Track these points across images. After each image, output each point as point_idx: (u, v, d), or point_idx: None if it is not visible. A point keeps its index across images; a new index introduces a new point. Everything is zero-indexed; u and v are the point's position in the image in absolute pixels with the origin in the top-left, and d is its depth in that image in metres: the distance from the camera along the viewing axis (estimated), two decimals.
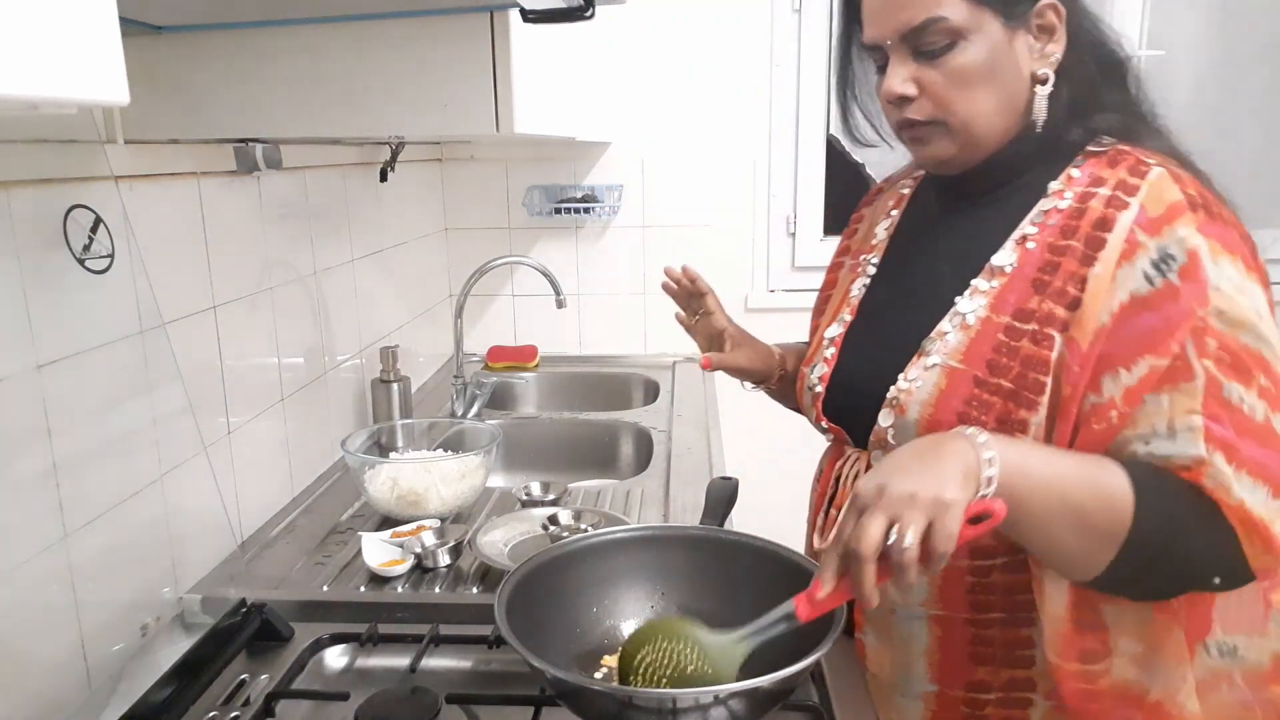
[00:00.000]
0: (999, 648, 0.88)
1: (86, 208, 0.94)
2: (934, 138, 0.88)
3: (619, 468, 1.93)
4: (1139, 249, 0.78)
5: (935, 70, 0.84)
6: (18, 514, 0.87)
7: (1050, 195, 0.86)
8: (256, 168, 1.29)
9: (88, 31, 0.40)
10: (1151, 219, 0.79)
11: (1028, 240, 0.86)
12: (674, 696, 0.76)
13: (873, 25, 0.87)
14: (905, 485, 0.70)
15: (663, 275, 1.19)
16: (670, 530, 1.01)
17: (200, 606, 1.06)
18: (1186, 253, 0.76)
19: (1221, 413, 0.74)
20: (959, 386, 0.84)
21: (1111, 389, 0.77)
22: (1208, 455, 0.74)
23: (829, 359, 0.99)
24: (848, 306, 1.01)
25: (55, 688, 0.90)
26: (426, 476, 1.37)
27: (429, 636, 1.00)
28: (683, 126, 2.34)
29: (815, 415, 1.00)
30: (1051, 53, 0.85)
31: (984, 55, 0.83)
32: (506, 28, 1.03)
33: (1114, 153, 0.85)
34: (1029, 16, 0.84)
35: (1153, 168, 0.82)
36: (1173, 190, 0.80)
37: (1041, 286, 0.83)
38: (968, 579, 0.87)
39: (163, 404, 1.09)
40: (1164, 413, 0.75)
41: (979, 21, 0.82)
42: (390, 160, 1.88)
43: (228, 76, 1.07)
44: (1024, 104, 0.86)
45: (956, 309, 0.88)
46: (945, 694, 0.91)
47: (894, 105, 0.88)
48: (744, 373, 1.16)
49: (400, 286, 2.05)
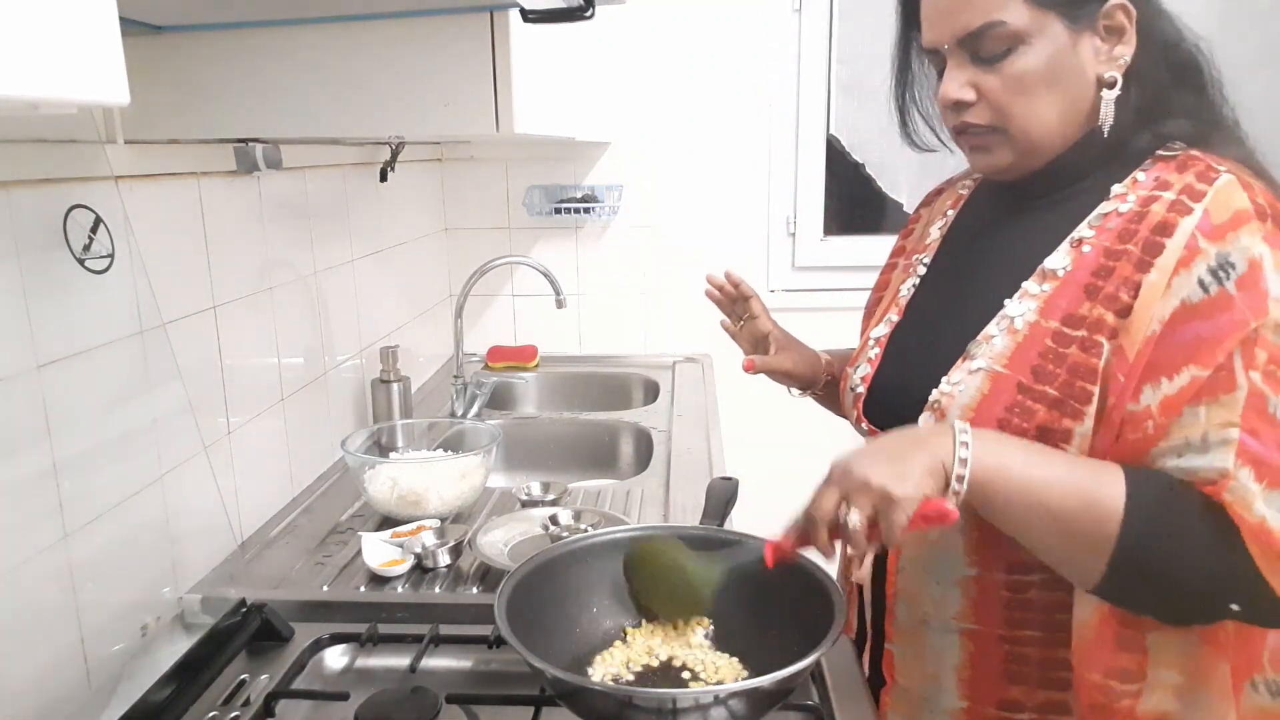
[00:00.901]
0: (1034, 667, 0.85)
1: (86, 208, 0.94)
2: (992, 145, 0.85)
3: (619, 468, 1.93)
4: (1198, 255, 0.74)
5: (994, 75, 0.82)
6: (18, 514, 0.87)
7: (1112, 199, 0.83)
8: (256, 168, 1.29)
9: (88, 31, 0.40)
10: (1215, 225, 0.75)
11: (1084, 243, 0.82)
12: (674, 696, 0.77)
13: (931, 29, 0.85)
14: (864, 470, 0.73)
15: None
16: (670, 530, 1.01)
17: (200, 606, 1.06)
18: (1249, 261, 0.72)
19: (1262, 427, 0.71)
20: (1002, 392, 0.81)
21: (1150, 398, 0.74)
22: (1233, 469, 0.70)
23: (873, 360, 0.97)
24: (895, 307, 0.99)
25: (55, 688, 0.90)
26: (426, 476, 1.37)
27: (429, 636, 1.00)
28: (683, 126, 2.34)
29: (856, 416, 0.98)
30: (1120, 55, 0.82)
31: (1045, 59, 0.80)
32: (506, 28, 1.03)
33: (1184, 157, 0.82)
34: (1096, 18, 0.81)
35: (1222, 174, 0.78)
36: (1241, 197, 0.76)
37: (1094, 292, 0.79)
38: (1004, 594, 0.85)
39: (163, 404, 1.09)
40: (1200, 425, 0.72)
41: (1041, 24, 0.79)
42: (390, 160, 1.88)
43: (228, 76, 1.07)
44: (1089, 108, 0.83)
45: (1005, 312, 0.84)
46: (976, 710, 0.88)
47: (951, 110, 0.86)
48: (789, 376, 1.14)
49: (400, 286, 2.05)
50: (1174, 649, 0.78)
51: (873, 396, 0.96)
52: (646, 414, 2.01)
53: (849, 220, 2.42)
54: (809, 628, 0.80)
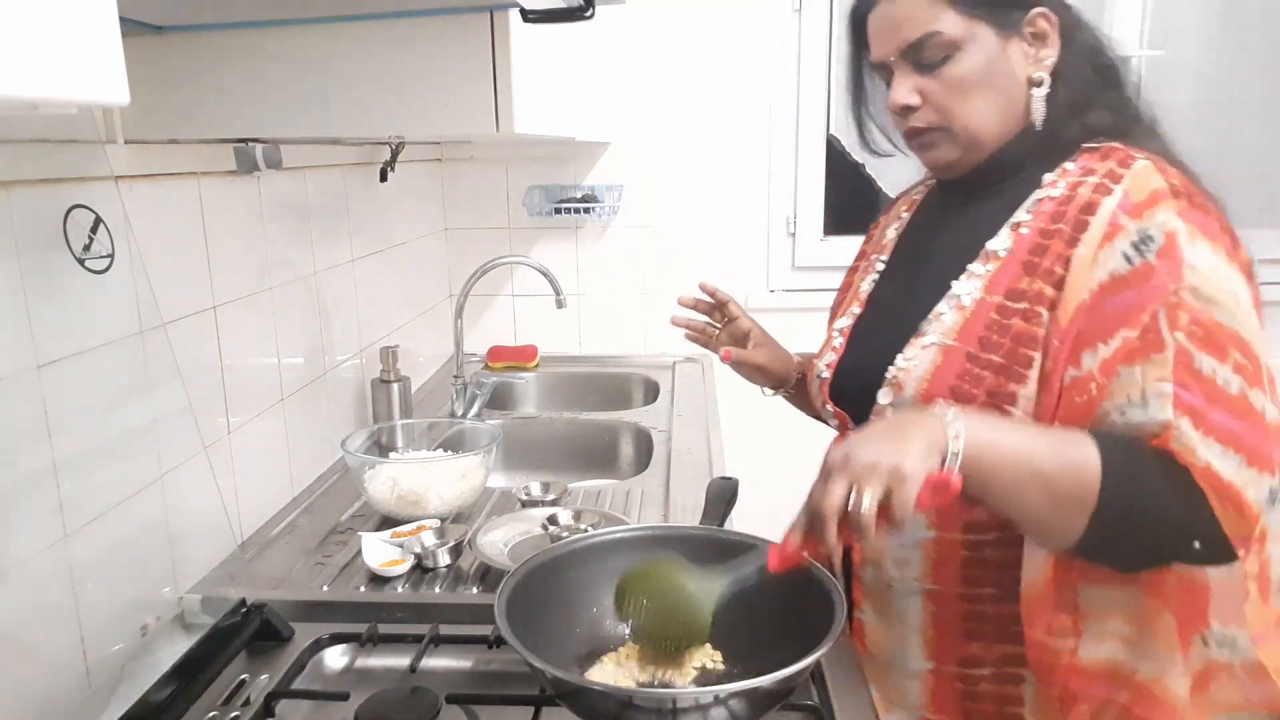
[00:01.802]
0: (991, 623, 0.92)
1: (86, 208, 0.94)
2: (938, 142, 0.94)
3: (619, 468, 1.93)
4: (1120, 231, 0.82)
5: (935, 80, 0.90)
6: (18, 514, 0.87)
7: (1045, 186, 0.91)
8: (256, 168, 1.29)
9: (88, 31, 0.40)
10: (1134, 204, 0.83)
11: (1021, 226, 0.90)
12: (674, 696, 0.77)
13: (877, 45, 0.94)
14: (869, 454, 0.75)
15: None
16: (670, 530, 1.01)
17: (200, 606, 1.06)
18: (1165, 234, 0.81)
19: (1191, 381, 0.78)
20: (953, 363, 0.88)
21: (1090, 363, 0.81)
22: (1174, 419, 0.77)
23: (837, 348, 1.04)
24: (856, 301, 1.07)
25: (55, 688, 0.90)
26: (426, 476, 1.37)
27: (429, 636, 1.00)
28: (683, 126, 2.34)
29: (822, 400, 1.04)
30: (1045, 57, 0.91)
31: (980, 63, 0.89)
32: (506, 28, 1.03)
33: (1106, 149, 0.90)
34: (1021, 25, 0.90)
35: (1139, 159, 0.87)
36: (1156, 179, 0.85)
37: (1032, 268, 0.87)
38: (961, 554, 0.91)
39: (163, 404, 1.09)
40: (1137, 383, 0.79)
41: (973, 32, 0.88)
42: (390, 160, 1.88)
43: (228, 76, 1.07)
44: (1022, 106, 0.92)
45: (953, 291, 0.92)
46: (941, 671, 0.95)
47: (900, 115, 0.94)
48: (762, 370, 1.21)
49: (400, 286, 2.05)
50: (1119, 602, 0.84)
51: (837, 380, 1.03)
52: (646, 414, 2.01)
53: (849, 220, 2.41)
54: (809, 628, 0.80)
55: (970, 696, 0.94)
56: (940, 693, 0.95)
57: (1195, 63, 2.32)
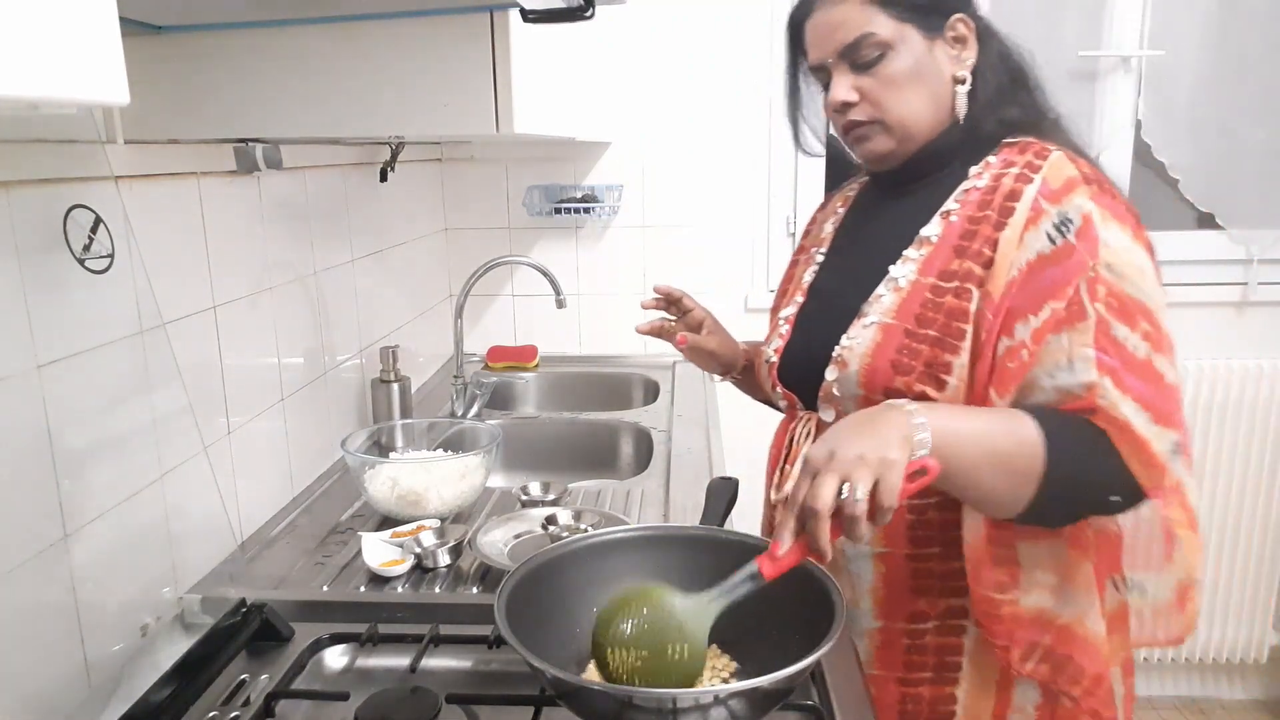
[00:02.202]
0: (936, 579, 1.00)
1: (86, 208, 0.94)
2: (874, 135, 1.02)
3: (619, 468, 1.93)
4: (1042, 215, 0.92)
5: (871, 78, 1.00)
6: (18, 514, 0.87)
7: (971, 178, 1.01)
8: (256, 168, 1.29)
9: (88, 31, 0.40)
10: (1053, 190, 0.93)
11: (951, 214, 1.00)
12: (674, 696, 0.76)
13: (815, 49, 1.03)
14: (853, 449, 0.78)
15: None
16: (670, 530, 1.01)
17: (200, 606, 1.06)
18: (1082, 216, 0.90)
19: (1110, 347, 0.87)
20: (892, 339, 0.97)
21: (1022, 333, 0.90)
22: (1099, 379, 0.86)
23: (784, 334, 1.13)
24: (799, 290, 1.15)
25: (55, 688, 0.90)
26: (426, 476, 1.37)
27: (429, 636, 1.00)
28: (683, 126, 2.34)
29: (772, 383, 1.12)
30: (966, 58, 1.01)
31: (911, 62, 0.99)
32: (506, 28, 1.03)
33: (1023, 143, 1.00)
34: (944, 28, 1.00)
35: (1054, 152, 0.97)
36: (1070, 168, 0.94)
37: (962, 251, 0.96)
38: (908, 517, 1.00)
39: (163, 404, 1.09)
40: (1064, 349, 0.88)
41: (903, 34, 0.98)
42: (390, 160, 1.88)
43: (228, 76, 1.07)
44: (948, 102, 1.02)
45: (890, 274, 1.01)
46: (889, 628, 1.03)
47: (839, 112, 1.03)
48: (714, 356, 1.29)
49: (400, 286, 2.05)
50: (1046, 555, 0.94)
51: (785, 363, 1.11)
52: (646, 414, 2.01)
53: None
54: (809, 628, 0.80)
55: (915, 650, 1.02)
56: (885, 648, 1.03)
57: (1195, 63, 2.32)
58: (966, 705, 1.01)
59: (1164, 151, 2.36)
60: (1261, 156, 2.36)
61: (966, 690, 1.01)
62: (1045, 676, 0.96)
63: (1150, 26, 2.29)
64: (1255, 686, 2.63)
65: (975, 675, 1.01)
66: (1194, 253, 2.42)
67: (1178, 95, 2.33)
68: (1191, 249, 2.42)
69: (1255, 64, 2.31)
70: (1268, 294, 2.41)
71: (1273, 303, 2.42)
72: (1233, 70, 2.32)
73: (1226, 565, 2.48)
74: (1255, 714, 2.59)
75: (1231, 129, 2.35)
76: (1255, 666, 2.58)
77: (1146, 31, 2.30)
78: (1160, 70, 2.32)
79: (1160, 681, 2.63)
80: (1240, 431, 2.40)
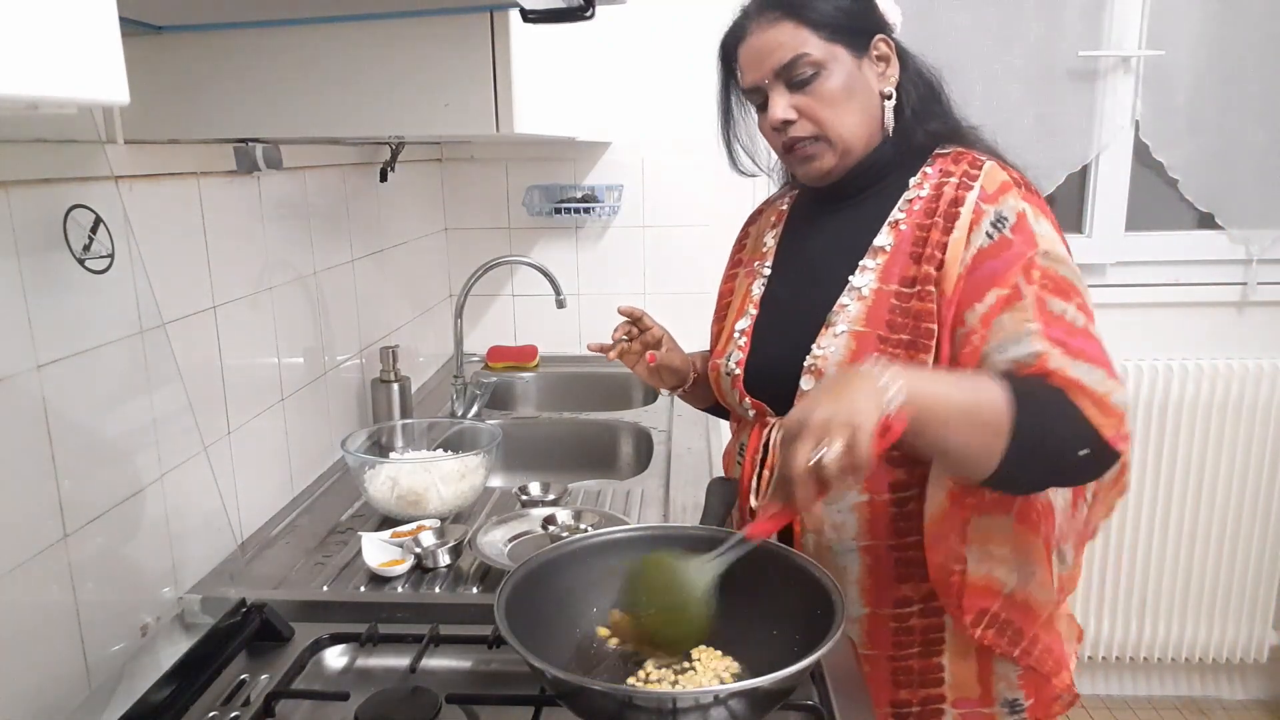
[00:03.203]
0: (919, 566, 1.04)
1: (86, 208, 0.94)
2: (817, 152, 1.07)
3: (619, 468, 1.93)
4: (982, 215, 0.99)
5: (807, 96, 1.04)
6: (18, 514, 0.87)
7: (912, 188, 1.07)
8: (256, 168, 1.29)
9: (88, 31, 0.40)
10: (989, 194, 1.01)
11: (900, 224, 1.05)
12: (674, 696, 0.77)
13: (750, 71, 1.07)
14: (823, 412, 0.81)
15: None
16: (670, 530, 1.01)
17: (200, 606, 1.06)
18: (1016, 214, 0.98)
19: (1050, 319, 0.93)
20: (866, 346, 1.02)
21: (972, 319, 0.97)
22: (1047, 349, 0.91)
23: (742, 346, 1.15)
24: (751, 303, 1.17)
25: (55, 688, 0.90)
26: (426, 476, 1.37)
27: (429, 636, 1.00)
28: (683, 126, 2.34)
29: (738, 396, 1.15)
30: (890, 75, 1.08)
31: (843, 79, 1.04)
32: (506, 28, 1.03)
33: (955, 154, 1.07)
34: (869, 48, 1.06)
35: (986, 161, 1.05)
36: (1002, 174, 1.03)
37: (918, 257, 1.02)
38: (890, 511, 1.04)
39: (163, 404, 1.09)
40: (1008, 326, 0.94)
41: (833, 53, 1.04)
42: (390, 160, 1.88)
43: (228, 76, 1.07)
44: (879, 116, 1.08)
45: (851, 284, 1.05)
46: (877, 614, 1.08)
47: (779, 130, 1.07)
48: (674, 373, 1.30)
49: (400, 286, 2.05)
50: (999, 530, 1.00)
51: (750, 375, 1.14)
52: (646, 414, 2.01)
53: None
54: (809, 628, 0.80)
55: (902, 631, 1.07)
56: (875, 630, 1.08)
57: (1195, 63, 2.32)
58: (953, 671, 1.08)
59: (1163, 151, 2.36)
60: (1261, 156, 2.36)
61: (950, 658, 1.08)
62: (991, 640, 1.02)
63: (1150, 26, 2.29)
64: (1255, 686, 2.63)
65: (957, 644, 1.07)
66: (1194, 253, 2.42)
67: (1177, 95, 2.33)
68: (1191, 249, 2.42)
69: (1255, 64, 2.31)
70: (1268, 294, 2.41)
71: (1273, 303, 2.42)
72: (1232, 70, 2.32)
73: (1226, 565, 2.48)
74: (1255, 714, 2.59)
75: (1231, 129, 2.35)
76: (1255, 666, 2.58)
77: (1146, 31, 2.30)
78: (1159, 70, 2.32)
79: (1160, 681, 2.63)
80: (1240, 431, 2.40)
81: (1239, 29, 2.30)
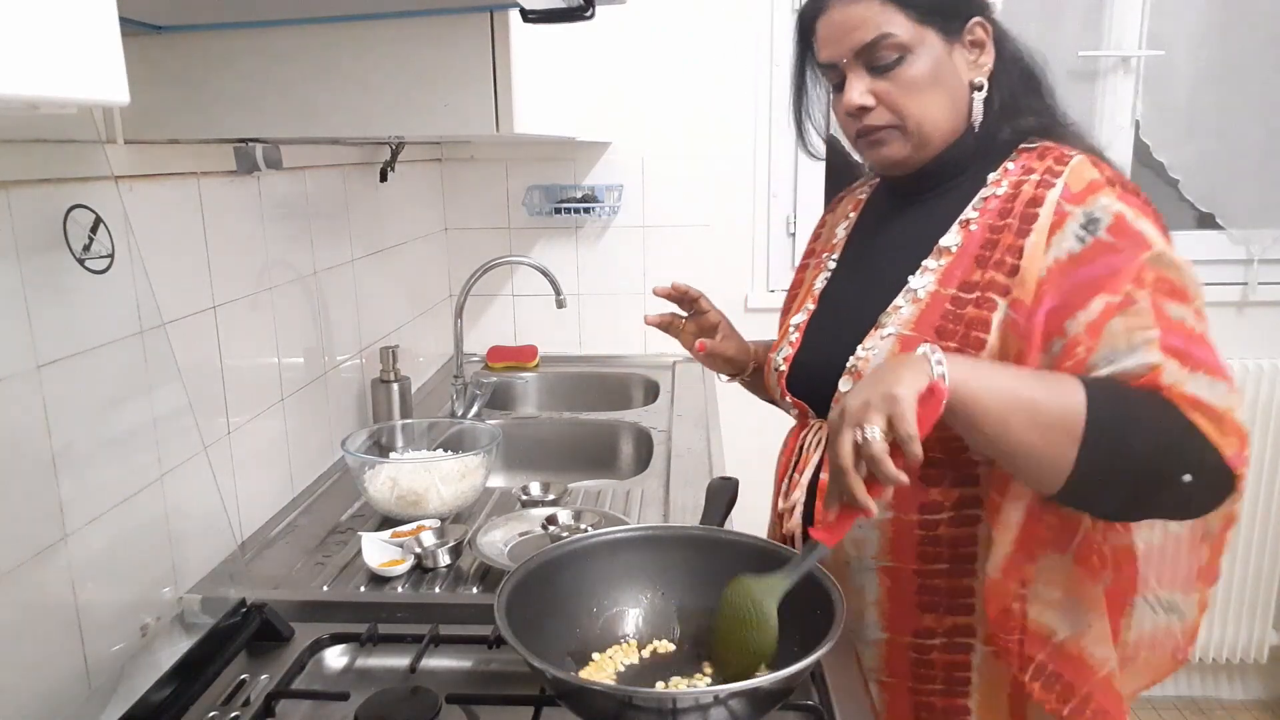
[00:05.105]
0: (943, 596, 0.98)
1: (86, 208, 0.94)
2: (891, 140, 0.99)
3: (619, 468, 1.93)
4: (1067, 217, 0.90)
5: (888, 82, 0.96)
6: (18, 514, 0.87)
7: (989, 185, 0.98)
8: (256, 168, 1.29)
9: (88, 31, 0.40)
10: (1074, 193, 0.91)
11: (970, 223, 0.97)
12: (674, 696, 0.77)
13: (828, 47, 0.99)
14: (860, 396, 0.80)
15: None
16: (670, 530, 1.01)
17: (200, 606, 1.06)
18: (1113, 215, 0.88)
19: (1169, 325, 0.85)
20: (910, 350, 0.90)
21: (1074, 328, 0.87)
22: (1162, 360, 0.83)
23: (794, 342, 1.10)
24: (810, 297, 1.12)
25: (55, 688, 0.90)
26: (426, 476, 1.37)
27: (429, 636, 1.00)
28: (683, 126, 2.34)
29: (780, 392, 1.10)
30: (984, 63, 0.99)
31: (929, 66, 0.95)
32: (506, 28, 1.03)
33: (1042, 148, 0.98)
34: (963, 32, 0.97)
35: (1075, 156, 0.95)
36: (1091, 171, 0.92)
37: (984, 261, 0.94)
38: (917, 533, 0.97)
39: (163, 404, 1.09)
40: (1120, 334, 0.85)
41: (922, 37, 0.95)
42: (390, 160, 1.88)
43: (228, 76, 1.07)
44: (966, 108, 0.99)
45: (909, 286, 0.98)
46: (895, 641, 1.01)
47: (853, 116, 0.99)
48: (729, 362, 1.25)
49: (400, 286, 2.05)
50: (1053, 568, 0.91)
51: (794, 372, 1.08)
52: (646, 414, 2.01)
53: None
54: (809, 628, 0.80)
55: (921, 664, 1.01)
56: (894, 659, 1.02)
57: (1194, 63, 2.32)
58: (981, 717, 1.00)
59: (1163, 151, 2.36)
60: (1261, 156, 2.36)
61: (978, 702, 0.99)
62: (1039, 695, 0.93)
63: (1150, 26, 2.29)
64: (1255, 686, 2.63)
65: (986, 689, 0.99)
66: (1194, 253, 2.37)
67: (1177, 95, 2.33)
68: (1191, 249, 2.40)
69: (1254, 64, 2.31)
70: (1268, 294, 2.41)
71: (1273, 303, 2.42)
72: (1232, 70, 2.32)
73: (1226, 565, 2.47)
74: (1255, 714, 2.59)
75: (1231, 129, 2.35)
76: (1255, 666, 2.58)
77: (1146, 31, 2.30)
78: (1159, 70, 2.32)
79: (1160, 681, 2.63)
80: None
81: (1239, 29, 2.30)
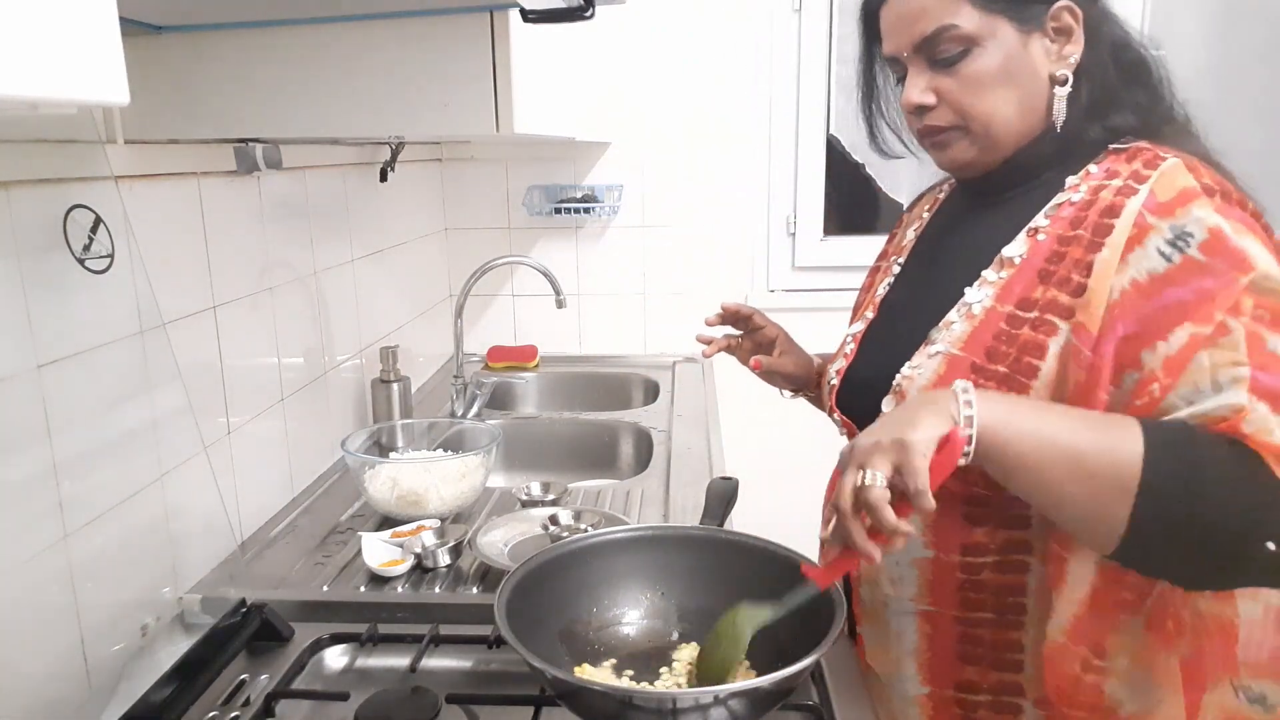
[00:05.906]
0: (987, 648, 0.89)
1: (86, 208, 0.94)
2: (954, 141, 0.90)
3: (619, 468, 1.93)
4: (1149, 231, 0.78)
5: (951, 78, 0.86)
6: (18, 514, 0.87)
7: (1066, 190, 0.87)
8: (256, 168, 1.29)
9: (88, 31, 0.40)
10: (1161, 203, 0.79)
11: (1039, 232, 0.86)
12: (674, 696, 0.77)
13: (890, 39, 0.90)
14: (871, 438, 0.74)
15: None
16: (670, 530, 1.01)
17: (200, 606, 1.06)
18: (1208, 230, 0.76)
19: (1267, 362, 0.72)
20: (957, 372, 0.85)
21: (1151, 361, 0.75)
22: (1249, 403, 0.71)
23: (848, 354, 1.02)
24: (871, 305, 1.04)
25: (55, 688, 0.90)
26: (426, 476, 1.37)
27: (429, 636, 1.00)
28: (683, 126, 2.34)
29: (830, 407, 1.03)
30: (1069, 54, 0.86)
31: (999, 60, 0.85)
32: (506, 28, 1.03)
33: (1134, 149, 0.86)
34: (1044, 19, 0.85)
35: (1168, 159, 0.82)
36: (1186, 178, 0.80)
37: (1047, 276, 0.83)
38: (958, 576, 0.88)
39: (163, 404, 1.09)
40: (1205, 370, 0.73)
41: (992, 27, 0.84)
42: (390, 160, 1.88)
43: (228, 76, 1.07)
44: (1044, 105, 0.88)
45: (964, 299, 0.89)
46: (938, 695, 0.93)
47: (915, 114, 0.90)
48: (789, 378, 1.18)
49: (400, 286, 2.05)
50: (1126, 634, 0.80)
51: (845, 387, 1.00)
52: (646, 414, 2.01)
53: (849, 220, 2.42)
54: (809, 628, 0.80)
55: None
56: (940, 717, 0.93)
57: (1195, 63, 2.32)
58: None
59: None
60: (1261, 156, 2.36)
61: None
62: None
63: (1150, 26, 2.29)
64: None
65: None
66: None
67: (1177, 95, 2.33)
68: None
69: (1254, 64, 2.31)
70: None
71: None
72: (1232, 70, 2.32)
73: None
74: None
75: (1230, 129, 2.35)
76: None
77: (1146, 31, 2.29)
78: None
79: None
80: None
81: (1239, 29, 2.30)
